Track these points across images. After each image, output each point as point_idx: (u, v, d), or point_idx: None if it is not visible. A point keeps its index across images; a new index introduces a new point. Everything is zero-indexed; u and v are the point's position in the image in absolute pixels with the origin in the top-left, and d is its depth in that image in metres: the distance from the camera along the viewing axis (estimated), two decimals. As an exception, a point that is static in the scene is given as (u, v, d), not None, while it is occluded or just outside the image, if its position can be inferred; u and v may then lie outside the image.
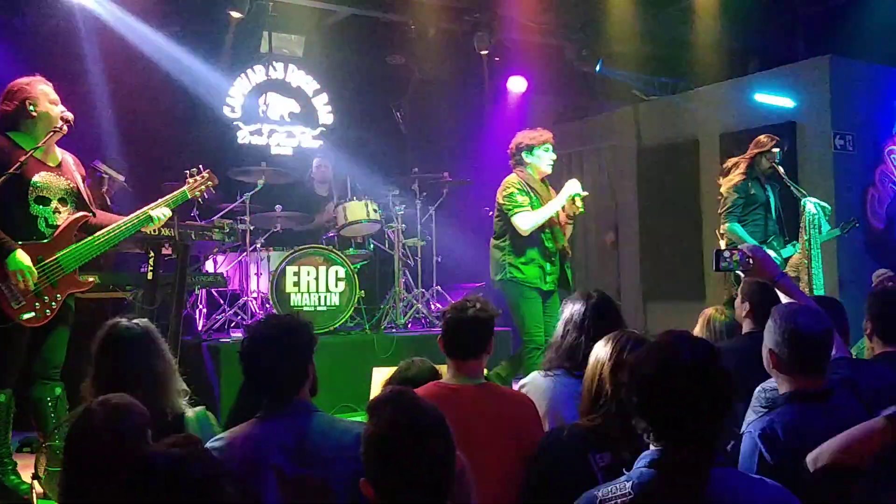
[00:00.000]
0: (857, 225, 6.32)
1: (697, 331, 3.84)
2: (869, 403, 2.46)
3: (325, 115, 8.97)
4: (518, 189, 5.37)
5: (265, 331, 2.50)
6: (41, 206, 4.02)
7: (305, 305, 6.30)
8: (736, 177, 5.86)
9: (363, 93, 9.09)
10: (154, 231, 4.41)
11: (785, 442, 2.28)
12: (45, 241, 4.00)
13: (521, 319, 5.29)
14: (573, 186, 5.40)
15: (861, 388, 2.57)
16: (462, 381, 2.81)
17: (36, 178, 3.99)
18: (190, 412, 2.82)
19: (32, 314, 3.91)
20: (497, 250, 5.46)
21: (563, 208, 5.41)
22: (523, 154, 5.47)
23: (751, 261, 2.94)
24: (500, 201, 5.41)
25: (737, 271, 3.07)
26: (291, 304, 6.26)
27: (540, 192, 5.46)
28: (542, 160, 5.49)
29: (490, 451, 2.53)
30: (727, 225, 5.81)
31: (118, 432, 2.12)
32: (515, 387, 3.28)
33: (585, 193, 5.44)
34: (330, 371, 5.43)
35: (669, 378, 1.78)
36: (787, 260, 5.80)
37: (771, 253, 5.62)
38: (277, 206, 7.02)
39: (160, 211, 4.33)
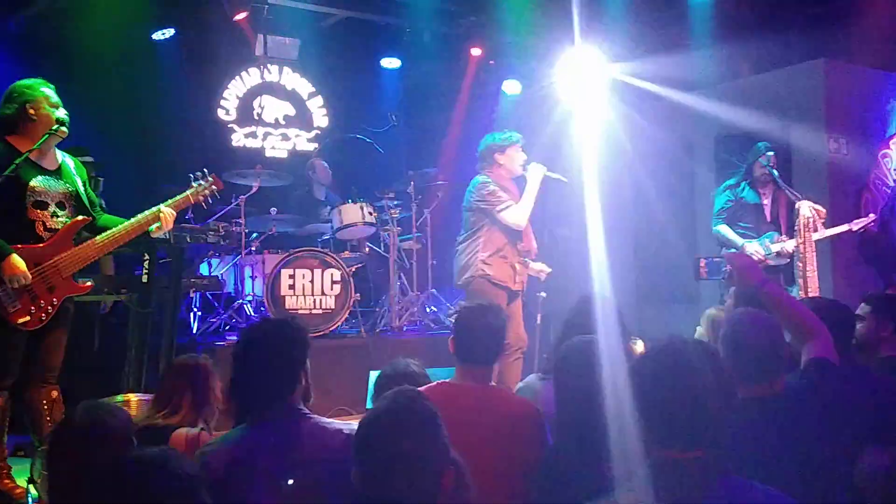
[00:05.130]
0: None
1: (702, 332, 3.83)
2: (832, 408, 2.44)
3: (320, 118, 8.97)
4: (497, 186, 5.31)
5: (257, 333, 2.48)
6: (39, 210, 3.99)
7: (301, 308, 6.29)
8: (730, 181, 5.98)
9: (358, 96, 9.09)
10: (161, 234, 4.35)
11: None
12: (42, 245, 3.98)
13: None
14: (540, 170, 5.39)
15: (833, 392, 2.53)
16: (469, 382, 2.82)
17: (33, 182, 3.96)
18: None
19: (28, 318, 3.89)
20: (466, 250, 5.35)
21: None
22: (495, 155, 5.40)
23: (731, 269, 2.90)
24: (478, 199, 5.30)
25: (719, 279, 3.03)
26: (286, 307, 6.24)
27: (512, 193, 5.41)
28: (515, 160, 5.42)
29: (491, 453, 2.53)
30: (713, 228, 5.94)
31: (96, 434, 2.13)
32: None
33: (555, 175, 5.47)
34: (325, 374, 5.42)
35: (668, 380, 1.76)
36: (781, 254, 5.83)
37: (762, 248, 5.70)
38: (272, 208, 7.01)
39: (168, 211, 4.30)
